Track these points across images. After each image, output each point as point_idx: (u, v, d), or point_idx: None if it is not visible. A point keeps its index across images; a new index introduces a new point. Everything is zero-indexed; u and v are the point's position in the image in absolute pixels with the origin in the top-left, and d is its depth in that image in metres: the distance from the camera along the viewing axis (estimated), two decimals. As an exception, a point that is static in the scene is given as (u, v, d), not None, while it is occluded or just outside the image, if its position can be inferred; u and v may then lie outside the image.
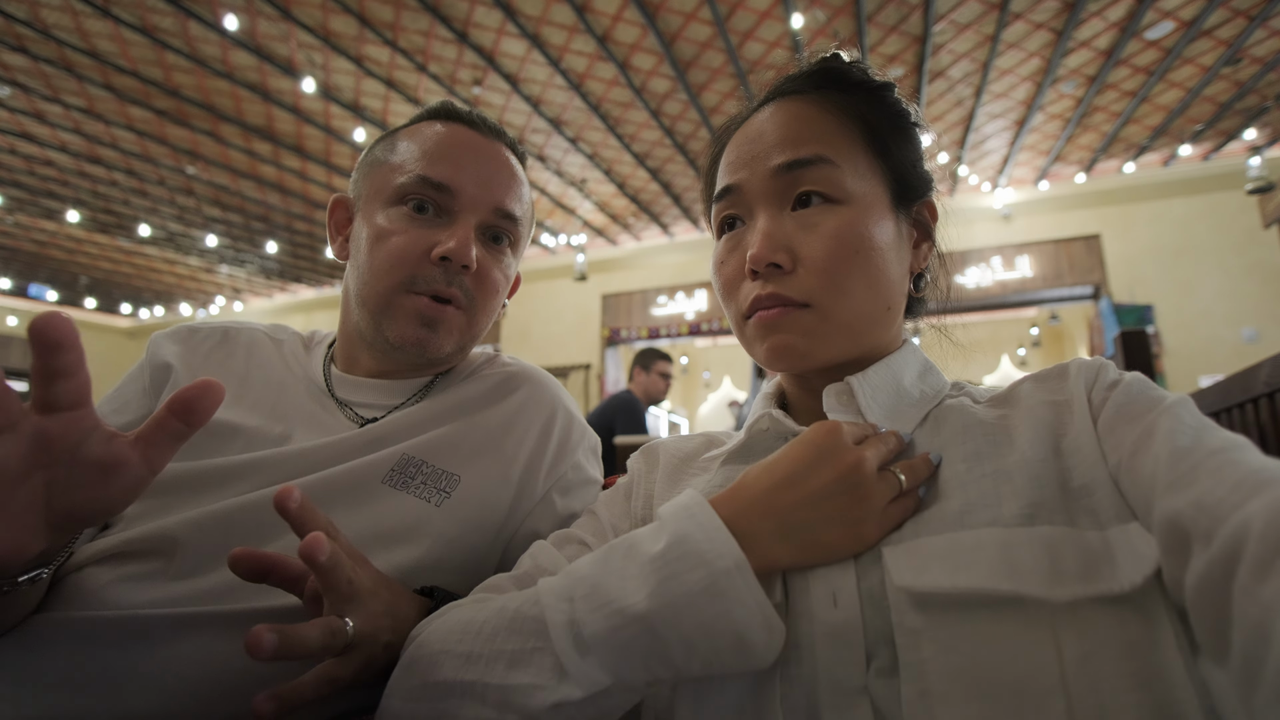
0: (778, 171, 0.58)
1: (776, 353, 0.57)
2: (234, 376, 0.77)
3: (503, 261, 0.80)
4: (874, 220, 0.57)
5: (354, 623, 0.50)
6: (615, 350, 8.28)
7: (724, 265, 0.62)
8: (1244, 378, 0.94)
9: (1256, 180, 5.13)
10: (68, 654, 0.56)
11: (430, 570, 0.67)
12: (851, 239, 0.56)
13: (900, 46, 4.51)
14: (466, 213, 0.75)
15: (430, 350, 0.75)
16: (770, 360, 0.58)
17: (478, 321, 0.79)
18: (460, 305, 0.76)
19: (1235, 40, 4.38)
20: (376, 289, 0.74)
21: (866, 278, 0.56)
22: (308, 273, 9.35)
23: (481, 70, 4.79)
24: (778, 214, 0.58)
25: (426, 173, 0.74)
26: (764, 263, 0.56)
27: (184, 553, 0.62)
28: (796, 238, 0.56)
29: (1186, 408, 0.45)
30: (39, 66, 4.68)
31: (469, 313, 0.77)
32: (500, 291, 0.81)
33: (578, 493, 0.80)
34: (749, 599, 0.43)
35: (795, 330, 0.56)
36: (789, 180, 0.58)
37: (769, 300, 0.56)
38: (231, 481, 0.67)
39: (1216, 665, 0.36)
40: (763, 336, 0.57)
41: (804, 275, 0.56)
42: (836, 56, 0.64)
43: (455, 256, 0.72)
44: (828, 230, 0.56)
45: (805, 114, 0.60)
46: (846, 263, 0.55)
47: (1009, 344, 10.03)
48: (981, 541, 0.44)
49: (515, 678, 0.44)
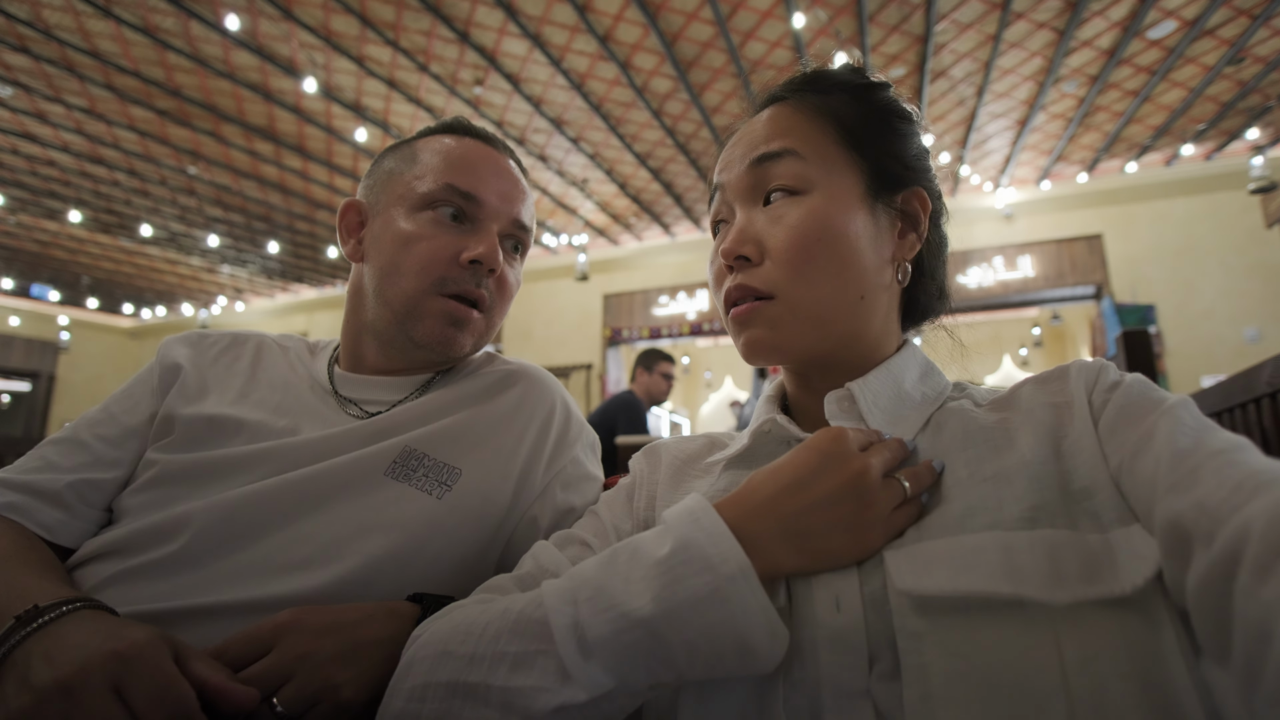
0: (750, 167, 0.61)
1: (750, 346, 0.59)
2: (239, 376, 0.80)
3: (515, 268, 0.86)
4: (840, 209, 0.58)
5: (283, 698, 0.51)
6: (616, 350, 8.28)
7: (712, 264, 0.64)
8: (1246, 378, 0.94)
9: (1259, 180, 5.11)
10: None
11: (430, 562, 0.68)
12: (814, 228, 0.57)
13: (902, 46, 4.50)
14: (490, 221, 0.80)
15: (454, 349, 0.79)
16: (746, 355, 0.60)
17: (494, 323, 0.84)
18: (484, 308, 0.80)
19: (1238, 39, 4.37)
20: (405, 289, 0.77)
21: (832, 266, 0.57)
22: (309, 273, 9.35)
23: (483, 70, 4.79)
24: (751, 209, 0.60)
25: (454, 182, 0.78)
26: (732, 255, 0.59)
27: (189, 544, 0.63)
28: (766, 230, 0.58)
29: (1187, 409, 0.46)
30: (41, 67, 4.69)
31: (489, 316, 0.82)
32: (513, 295, 0.86)
33: (578, 487, 0.81)
34: (753, 604, 0.43)
35: (762, 323, 0.58)
36: (759, 175, 0.60)
37: (737, 292, 0.59)
38: (235, 472, 0.68)
39: (1218, 666, 0.36)
40: (738, 332, 0.60)
41: (769, 267, 0.57)
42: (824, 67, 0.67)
43: (486, 260, 0.77)
44: (791, 221, 0.57)
45: (780, 114, 0.63)
46: (807, 251, 0.56)
47: (1011, 344, 10.02)
48: (983, 545, 0.44)
49: (518, 680, 0.44)
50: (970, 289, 6.81)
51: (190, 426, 0.73)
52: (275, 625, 0.54)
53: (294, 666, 0.52)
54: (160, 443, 0.73)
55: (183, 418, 0.73)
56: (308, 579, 0.62)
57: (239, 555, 0.63)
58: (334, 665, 0.53)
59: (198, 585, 0.61)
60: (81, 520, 0.70)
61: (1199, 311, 5.99)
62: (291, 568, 0.63)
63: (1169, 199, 6.31)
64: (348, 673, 0.53)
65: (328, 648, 0.53)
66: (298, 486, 0.67)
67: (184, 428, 0.73)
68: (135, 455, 0.74)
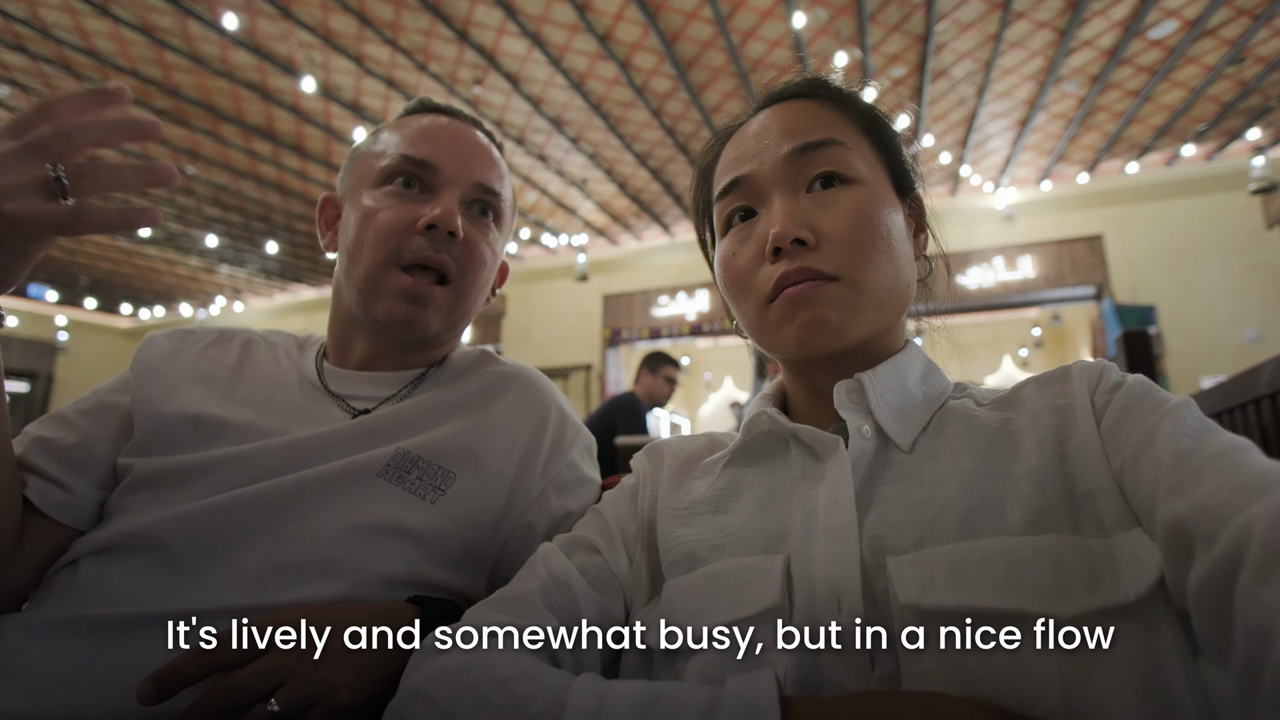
0: (790, 156, 0.59)
1: (809, 328, 0.55)
2: (225, 372, 0.79)
3: (489, 235, 0.82)
4: (886, 201, 0.59)
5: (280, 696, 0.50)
6: (616, 351, 8.29)
7: (735, 257, 0.60)
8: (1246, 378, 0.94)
9: (1260, 180, 5.11)
10: (65, 651, 0.56)
11: (425, 566, 0.67)
12: (872, 214, 0.57)
13: (902, 45, 4.50)
14: (450, 187, 0.78)
15: (418, 327, 0.76)
16: (802, 338, 0.55)
17: (467, 297, 0.81)
18: (450, 274, 0.77)
19: (1239, 39, 4.38)
20: (365, 265, 0.76)
21: (888, 252, 0.57)
22: (308, 273, 9.36)
23: (482, 70, 4.78)
24: (794, 195, 0.59)
25: (408, 152, 0.78)
26: (789, 238, 0.55)
27: (179, 547, 0.62)
28: (816, 215, 0.57)
29: (1189, 410, 0.45)
30: (38, 66, 4.69)
31: (457, 287, 0.79)
32: (489, 265, 0.82)
33: (574, 491, 0.80)
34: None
35: (827, 304, 0.55)
36: (802, 163, 0.59)
37: (798, 274, 0.55)
38: (226, 473, 0.67)
39: (1218, 667, 0.36)
40: (792, 315, 0.55)
41: (829, 249, 0.56)
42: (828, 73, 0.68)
43: (440, 223, 0.75)
44: (848, 206, 0.57)
45: (807, 107, 0.63)
46: (870, 233, 0.56)
47: (1011, 344, 10.03)
48: (986, 554, 0.43)
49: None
50: (970, 289, 6.81)
51: (176, 426, 0.71)
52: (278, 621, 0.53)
53: (293, 667, 0.51)
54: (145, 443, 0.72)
55: (167, 416, 0.72)
56: (304, 584, 0.62)
57: (231, 559, 0.62)
58: (333, 667, 0.52)
59: (190, 589, 0.60)
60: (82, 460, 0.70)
61: (1199, 312, 5.99)
62: (286, 572, 0.62)
63: (1169, 199, 6.32)
64: (347, 675, 0.52)
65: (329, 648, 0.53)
66: (290, 488, 0.66)
67: (169, 428, 0.71)
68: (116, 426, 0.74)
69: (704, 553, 0.55)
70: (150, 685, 0.49)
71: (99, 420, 0.73)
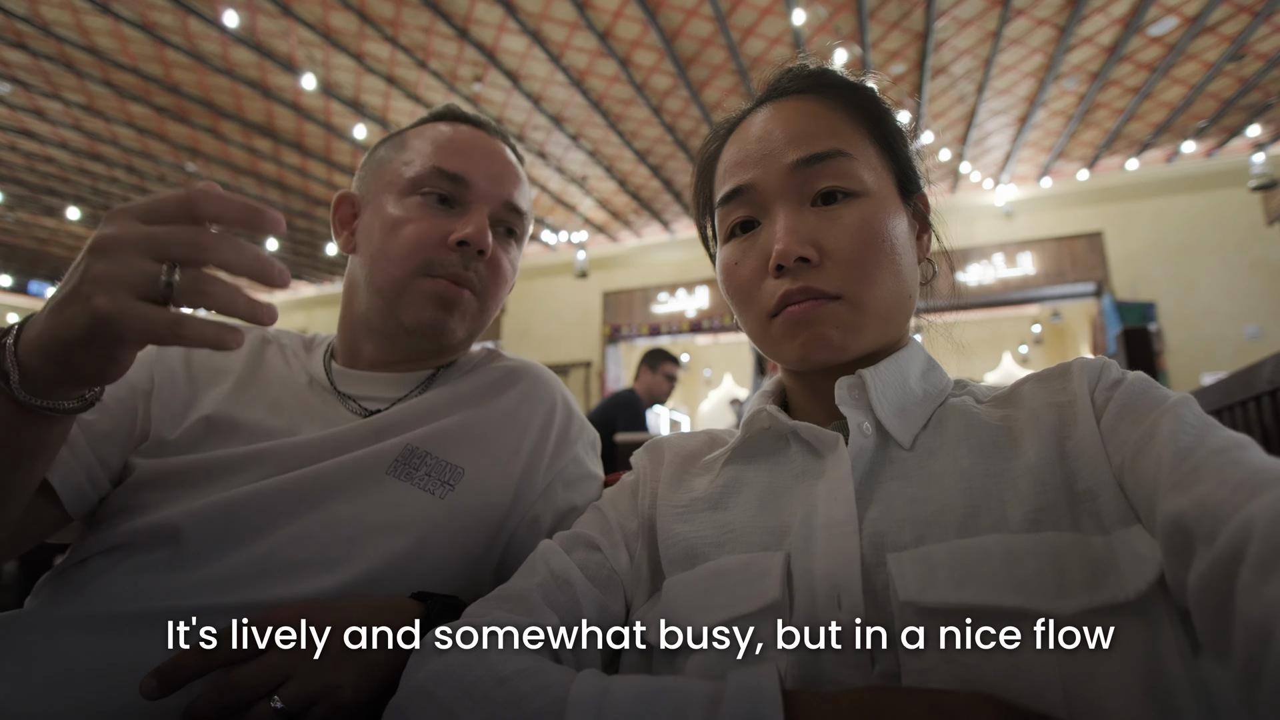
0: (794, 168, 0.57)
1: (811, 346, 0.56)
2: (233, 373, 0.78)
3: (511, 253, 0.83)
4: (890, 211, 0.58)
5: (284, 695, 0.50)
6: (616, 347, 8.28)
7: (738, 267, 0.60)
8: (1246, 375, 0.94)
9: (1260, 177, 5.11)
10: (73, 648, 0.56)
11: (432, 563, 0.68)
12: (875, 229, 0.56)
13: (902, 42, 4.49)
14: (480, 203, 0.78)
15: (445, 334, 0.77)
16: (804, 355, 0.56)
17: (488, 309, 0.81)
18: (475, 290, 0.78)
19: (1239, 36, 4.37)
20: (393, 274, 0.75)
21: (892, 267, 0.57)
22: (308, 269, 9.35)
23: (482, 67, 4.77)
24: (798, 209, 0.58)
25: (441, 165, 0.77)
26: (793, 257, 0.55)
27: (187, 544, 0.62)
28: (821, 231, 0.56)
29: (1189, 407, 0.45)
30: (39, 63, 4.68)
31: (481, 299, 0.79)
32: (508, 281, 0.84)
33: (579, 486, 0.81)
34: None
35: (830, 323, 0.55)
36: (806, 175, 0.57)
37: (800, 294, 0.55)
38: (235, 472, 0.67)
39: (1218, 664, 0.36)
40: (794, 334, 0.56)
41: (832, 268, 0.55)
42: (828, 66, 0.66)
43: (474, 241, 0.75)
44: (852, 222, 0.56)
45: (812, 110, 0.61)
46: (874, 251, 0.56)
47: (1011, 341, 10.03)
48: (987, 551, 0.43)
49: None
50: (970, 286, 6.80)
51: (191, 428, 0.71)
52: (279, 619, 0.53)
53: (296, 665, 0.51)
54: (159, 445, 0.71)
55: (185, 420, 0.72)
56: (310, 581, 0.62)
57: (239, 556, 0.62)
58: (335, 666, 0.52)
59: (198, 586, 0.60)
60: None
61: (1199, 309, 5.99)
62: (293, 569, 0.62)
63: (1169, 196, 6.31)
64: (350, 674, 0.52)
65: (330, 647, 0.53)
66: (298, 486, 0.67)
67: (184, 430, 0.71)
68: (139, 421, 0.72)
69: (704, 549, 0.55)
70: (154, 679, 0.49)
71: (129, 410, 0.72)
